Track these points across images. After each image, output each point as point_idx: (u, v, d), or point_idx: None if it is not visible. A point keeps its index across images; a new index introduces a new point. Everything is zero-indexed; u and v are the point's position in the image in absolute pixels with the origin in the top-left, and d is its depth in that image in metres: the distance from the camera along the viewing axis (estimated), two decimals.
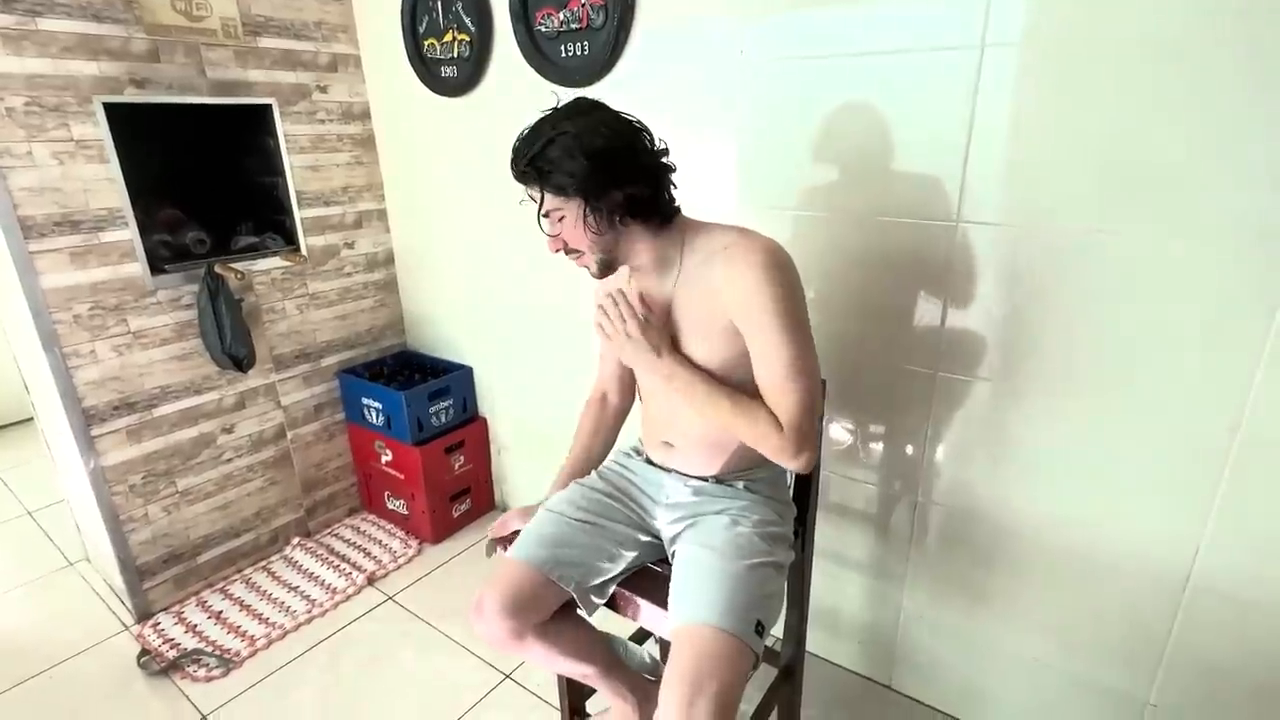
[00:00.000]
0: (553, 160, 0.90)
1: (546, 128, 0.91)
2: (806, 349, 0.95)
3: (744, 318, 0.95)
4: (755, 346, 0.95)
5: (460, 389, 2.22)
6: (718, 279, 0.96)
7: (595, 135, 0.89)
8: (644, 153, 0.95)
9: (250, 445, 2.06)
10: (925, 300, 1.30)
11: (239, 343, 1.85)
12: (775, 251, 0.95)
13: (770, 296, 0.92)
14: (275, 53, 1.91)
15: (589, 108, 0.94)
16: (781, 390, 0.94)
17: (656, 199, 0.97)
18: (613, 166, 0.91)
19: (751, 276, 0.92)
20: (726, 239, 0.97)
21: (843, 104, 1.29)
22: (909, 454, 1.42)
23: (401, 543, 2.21)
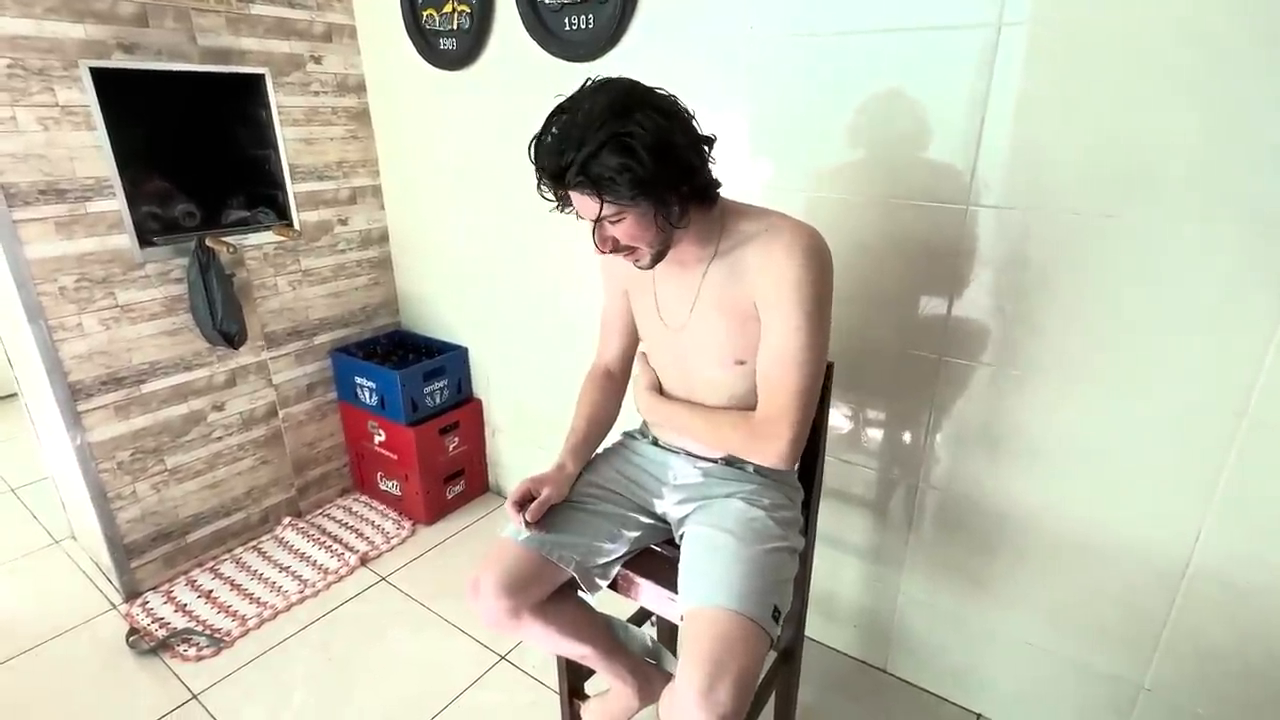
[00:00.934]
0: (612, 167, 0.81)
1: (592, 128, 0.81)
2: (817, 345, 0.93)
3: (767, 301, 0.93)
4: (770, 328, 0.94)
5: (455, 370, 2.20)
6: (751, 261, 0.94)
7: (654, 132, 0.81)
8: (695, 134, 0.89)
9: (241, 423, 2.02)
10: (932, 284, 1.29)
11: (230, 319, 1.81)
12: (815, 240, 0.92)
13: (800, 284, 0.90)
14: (268, 20, 1.86)
15: (630, 98, 0.83)
16: (776, 377, 0.94)
17: (710, 182, 0.93)
18: (677, 162, 0.84)
19: (786, 263, 0.90)
20: (766, 222, 0.95)
21: (854, 83, 1.27)
22: (910, 439, 1.42)
23: (395, 524, 2.19)
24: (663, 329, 1.07)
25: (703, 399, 1.07)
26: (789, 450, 0.94)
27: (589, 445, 1.15)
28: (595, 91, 0.85)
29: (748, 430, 0.97)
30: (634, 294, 1.12)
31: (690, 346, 1.04)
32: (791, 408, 0.93)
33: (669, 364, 1.10)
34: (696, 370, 1.06)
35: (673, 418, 1.09)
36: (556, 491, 1.06)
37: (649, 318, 1.10)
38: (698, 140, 0.89)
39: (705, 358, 1.03)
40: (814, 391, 0.95)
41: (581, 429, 1.14)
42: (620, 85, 0.86)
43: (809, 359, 0.92)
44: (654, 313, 1.08)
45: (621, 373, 1.22)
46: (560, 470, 1.09)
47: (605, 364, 1.22)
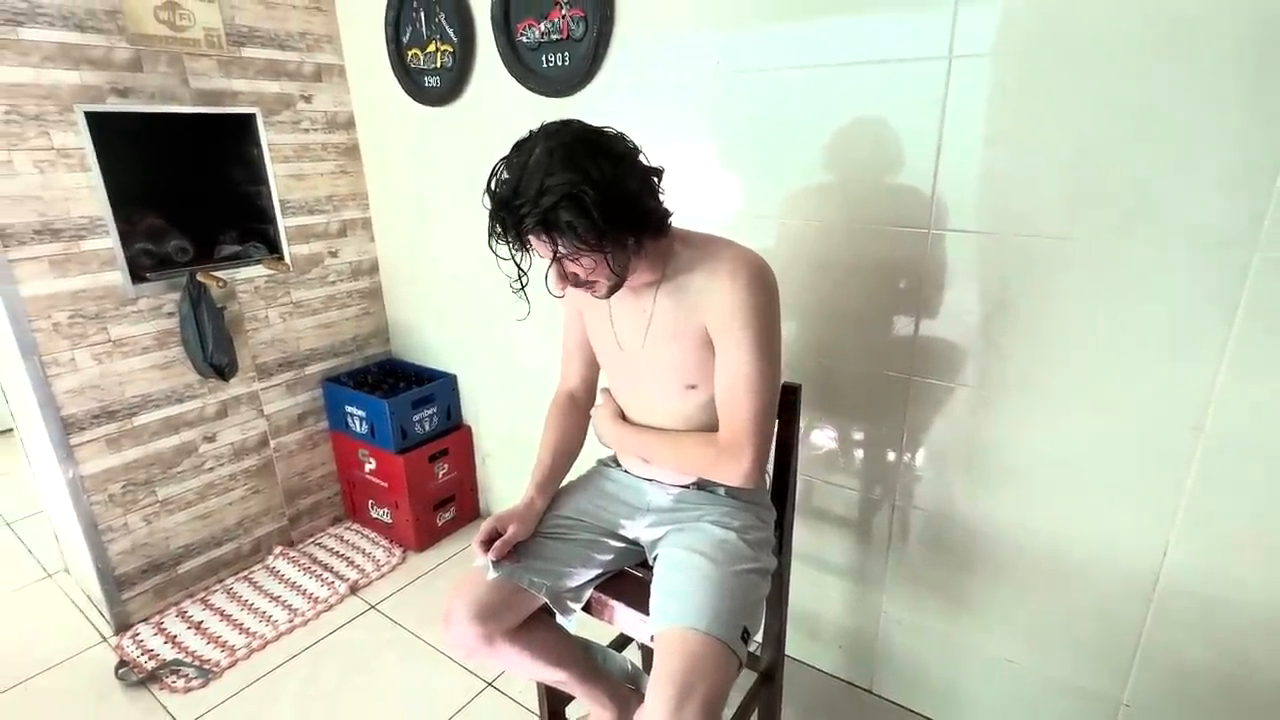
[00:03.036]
0: (567, 219, 0.83)
1: (547, 179, 0.82)
2: (770, 366, 0.96)
3: (716, 326, 0.97)
4: (723, 354, 0.97)
5: (444, 397, 2.22)
6: (699, 287, 0.98)
7: (608, 182, 0.84)
8: (644, 172, 0.92)
9: (232, 454, 2.05)
10: (899, 306, 1.32)
11: (221, 351, 1.85)
12: (758, 265, 0.96)
13: (745, 308, 0.93)
14: (259, 62, 1.92)
15: (582, 145, 0.85)
16: (734, 400, 0.97)
17: (663, 216, 0.96)
18: (631, 207, 0.87)
19: (731, 288, 0.94)
20: (710, 249, 0.99)
21: (817, 114, 1.31)
22: (887, 459, 1.44)
23: (385, 551, 2.20)
24: (619, 354, 1.10)
25: (661, 425, 1.09)
26: (751, 470, 0.96)
27: (555, 478, 1.16)
28: (547, 138, 0.86)
29: (711, 451, 1.00)
30: (590, 319, 1.15)
31: (646, 372, 1.07)
32: (750, 430, 0.95)
33: (628, 389, 1.13)
34: (654, 395, 1.08)
35: (634, 442, 1.12)
36: (522, 529, 1.07)
37: (606, 343, 1.12)
38: (648, 178, 0.93)
39: (661, 383, 1.06)
40: (770, 412, 0.98)
41: (547, 461, 1.16)
42: (571, 131, 0.87)
43: (762, 382, 0.95)
44: (611, 338, 1.10)
45: (586, 397, 1.24)
46: (528, 507, 1.10)
47: (569, 389, 1.24)
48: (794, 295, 1.44)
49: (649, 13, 1.48)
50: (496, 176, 0.89)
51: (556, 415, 1.21)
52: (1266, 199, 0.96)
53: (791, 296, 1.44)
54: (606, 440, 1.16)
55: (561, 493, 1.18)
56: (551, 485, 1.15)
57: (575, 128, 0.89)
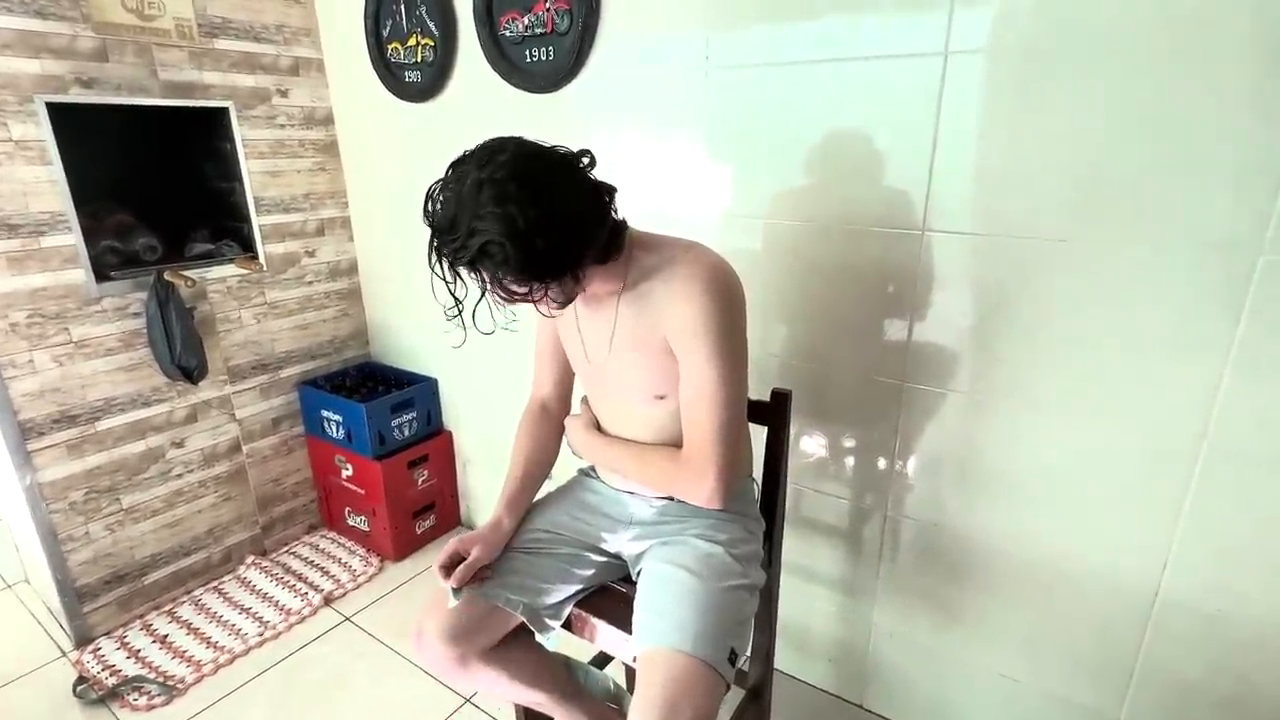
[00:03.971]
0: (501, 261, 0.77)
1: (468, 214, 0.76)
2: (732, 376, 0.90)
3: (676, 337, 0.91)
4: (683, 366, 0.92)
5: (424, 401, 2.16)
6: (658, 297, 0.92)
7: (544, 223, 0.76)
8: (589, 196, 0.84)
9: (202, 460, 1.97)
10: (892, 309, 1.28)
11: (189, 353, 1.78)
12: (716, 271, 0.90)
13: (704, 318, 0.88)
14: (233, 55, 1.86)
15: (517, 181, 0.76)
16: (695, 416, 0.92)
17: (613, 237, 0.89)
18: (575, 240, 0.81)
19: (689, 297, 0.88)
20: (668, 254, 0.93)
21: (810, 111, 1.27)
22: (878, 467, 1.40)
23: (362, 561, 2.13)
24: (587, 364, 1.06)
25: (634, 435, 1.04)
26: (715, 488, 0.91)
27: (526, 493, 1.11)
28: (480, 167, 0.78)
29: (674, 470, 0.95)
30: (560, 323, 1.10)
31: (614, 381, 1.03)
32: (713, 446, 0.90)
33: (599, 398, 1.09)
34: (623, 404, 1.04)
35: (604, 455, 1.07)
36: (487, 552, 1.01)
37: (575, 351, 1.08)
38: (597, 205, 0.85)
39: (629, 393, 1.02)
40: (734, 425, 0.92)
41: (517, 476, 1.10)
42: (506, 163, 0.78)
43: (725, 394, 0.89)
44: (579, 346, 1.06)
45: (559, 405, 1.19)
46: (495, 528, 1.04)
47: (541, 398, 1.19)
48: (782, 298, 1.40)
49: (636, 6, 1.43)
50: (432, 200, 0.82)
51: (528, 425, 1.16)
52: (1273, 200, 0.92)
53: (779, 299, 1.40)
54: (579, 451, 1.11)
55: (540, 504, 1.12)
56: (522, 502, 1.09)
57: (511, 156, 0.79)
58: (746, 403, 0.96)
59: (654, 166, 1.51)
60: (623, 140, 1.53)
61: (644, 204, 1.53)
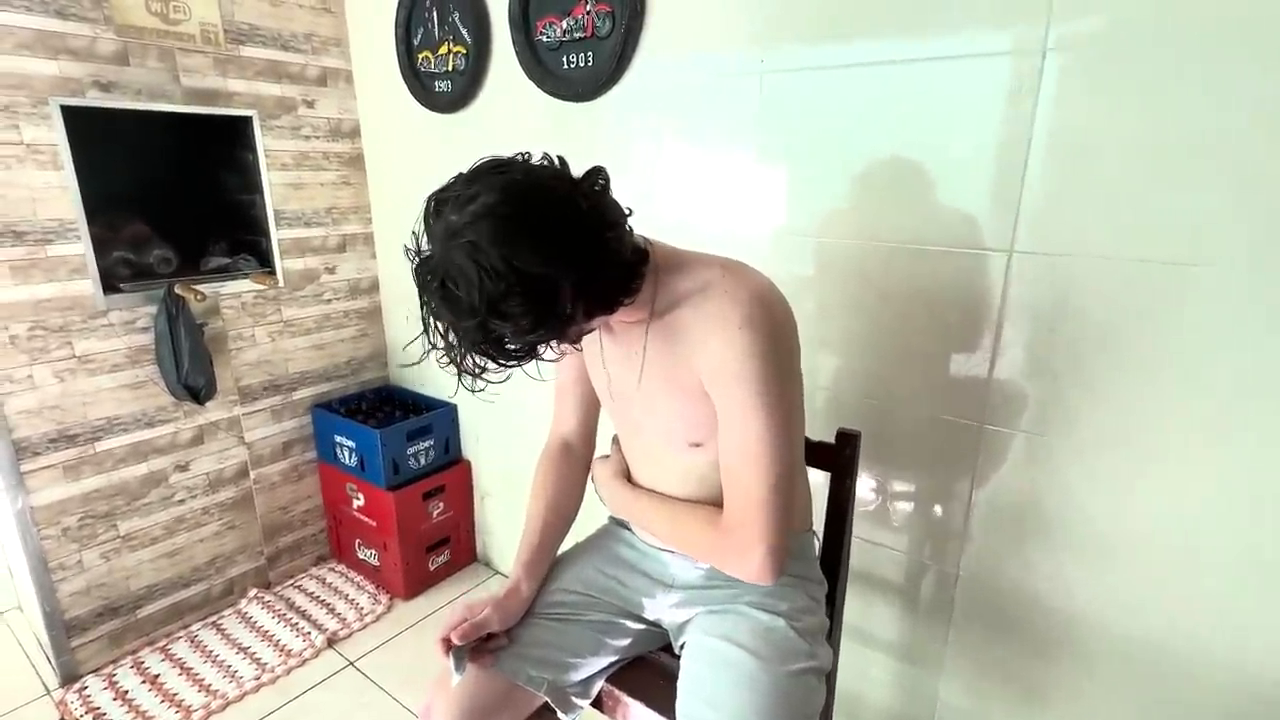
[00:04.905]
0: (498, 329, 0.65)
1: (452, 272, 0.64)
2: (781, 427, 0.74)
3: (711, 380, 0.77)
4: (721, 414, 0.77)
5: (443, 428, 2.03)
6: (688, 329, 0.78)
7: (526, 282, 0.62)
8: (593, 235, 0.68)
9: (207, 485, 1.86)
10: (970, 340, 1.13)
11: (197, 372, 1.67)
12: (758, 298, 0.74)
13: (743, 357, 0.73)
14: (259, 63, 1.79)
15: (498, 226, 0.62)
16: (737, 477, 0.76)
17: (626, 273, 0.73)
18: (558, 294, 0.65)
19: (723, 334, 0.74)
20: (702, 277, 0.78)
21: (878, 118, 1.14)
22: (947, 518, 1.23)
23: (370, 598, 1.99)
24: (611, 401, 0.92)
25: (668, 487, 0.89)
26: (765, 565, 0.75)
27: (547, 551, 0.96)
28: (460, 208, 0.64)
29: (715, 539, 0.79)
30: (587, 355, 0.96)
31: (644, 423, 0.89)
32: (759, 513, 0.75)
33: (628, 442, 0.95)
34: (655, 451, 0.90)
35: (634, 511, 0.92)
36: (501, 617, 0.86)
37: (600, 385, 0.94)
38: (603, 242, 0.68)
39: (660, 438, 0.87)
40: (784, 487, 0.76)
41: (536, 530, 0.95)
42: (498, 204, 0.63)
43: (771, 450, 0.74)
44: (604, 380, 0.92)
45: (583, 445, 1.04)
46: (511, 594, 0.89)
47: (562, 436, 1.04)
48: (838, 325, 1.25)
49: (685, 6, 1.33)
50: (417, 241, 0.69)
51: (548, 468, 1.01)
52: None
53: (835, 327, 1.25)
54: (607, 502, 0.97)
55: (566, 559, 0.97)
56: (543, 561, 0.94)
57: (503, 195, 0.64)
58: (802, 452, 0.80)
59: (700, 180, 1.38)
60: (666, 151, 1.42)
61: (688, 220, 1.41)
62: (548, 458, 1.01)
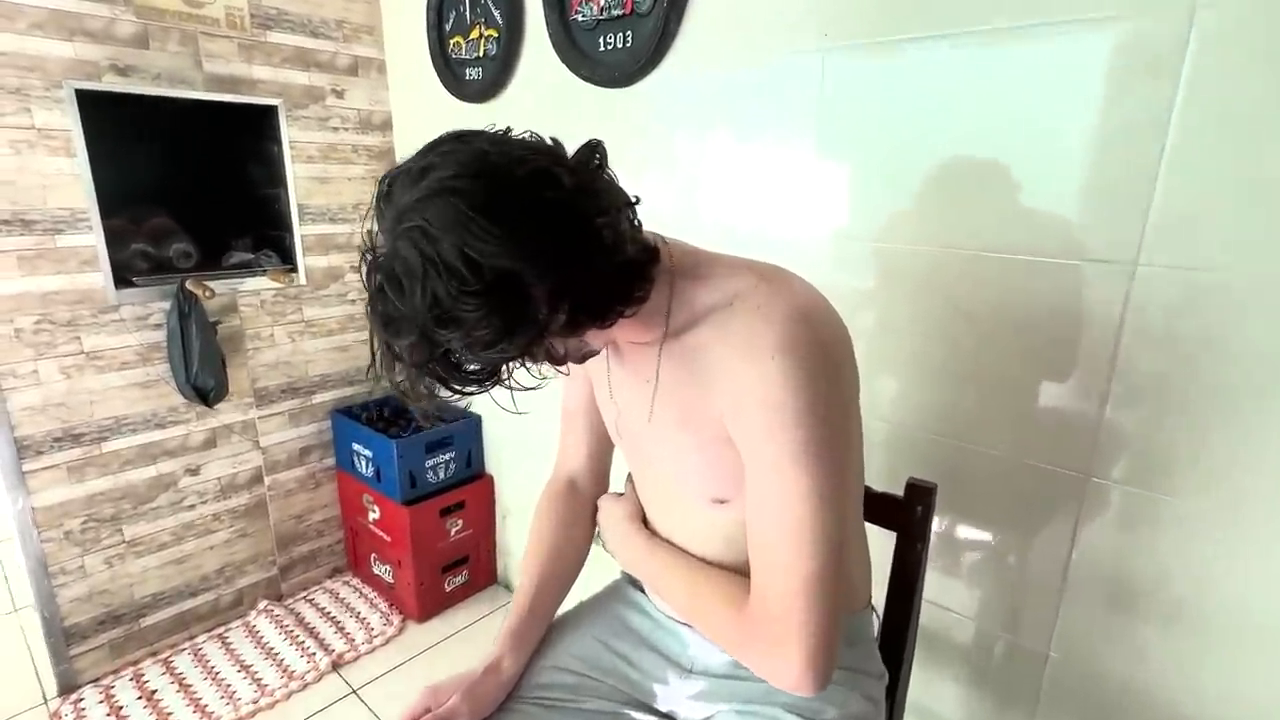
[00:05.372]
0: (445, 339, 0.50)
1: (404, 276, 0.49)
2: (828, 488, 0.56)
3: (736, 424, 0.59)
4: (750, 471, 0.59)
5: (465, 441, 1.91)
6: (709, 355, 0.60)
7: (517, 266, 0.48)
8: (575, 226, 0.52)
9: (219, 490, 1.78)
10: (1076, 371, 0.92)
11: (207, 373, 1.59)
12: (798, 320, 0.56)
13: (777, 397, 0.55)
14: (286, 49, 1.70)
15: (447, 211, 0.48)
16: (772, 552, 0.58)
17: (625, 280, 0.56)
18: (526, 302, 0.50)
19: (752, 364, 0.56)
20: (730, 289, 0.60)
21: (961, 100, 0.94)
22: (1037, 586, 1.01)
23: (382, 618, 1.87)
24: (620, 438, 0.76)
25: (687, 544, 0.72)
26: (804, 674, 0.56)
27: (540, 618, 0.79)
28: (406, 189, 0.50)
29: (741, 628, 0.61)
30: (595, 381, 0.79)
31: (657, 468, 0.72)
32: (798, 604, 0.56)
33: (641, 485, 0.78)
34: (671, 501, 0.73)
35: (646, 568, 0.74)
36: (473, 708, 0.71)
37: (608, 419, 0.78)
38: (598, 233, 0.52)
39: (676, 485, 0.70)
40: (832, 571, 0.56)
41: (528, 593, 0.78)
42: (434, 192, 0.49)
43: (816, 523, 0.55)
44: (611, 412, 0.75)
45: (593, 485, 0.87)
46: (491, 673, 0.73)
47: (568, 473, 0.87)
48: (910, 347, 1.05)
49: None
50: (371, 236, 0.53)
51: (547, 514, 0.84)
52: None
53: (899, 347, 1.06)
54: (614, 550, 0.79)
55: (562, 625, 0.81)
56: (533, 631, 0.78)
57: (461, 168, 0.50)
58: (859, 511, 0.62)
59: (749, 175, 1.21)
60: (711, 142, 1.25)
61: (733, 221, 1.23)
62: (549, 499, 0.85)
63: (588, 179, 0.54)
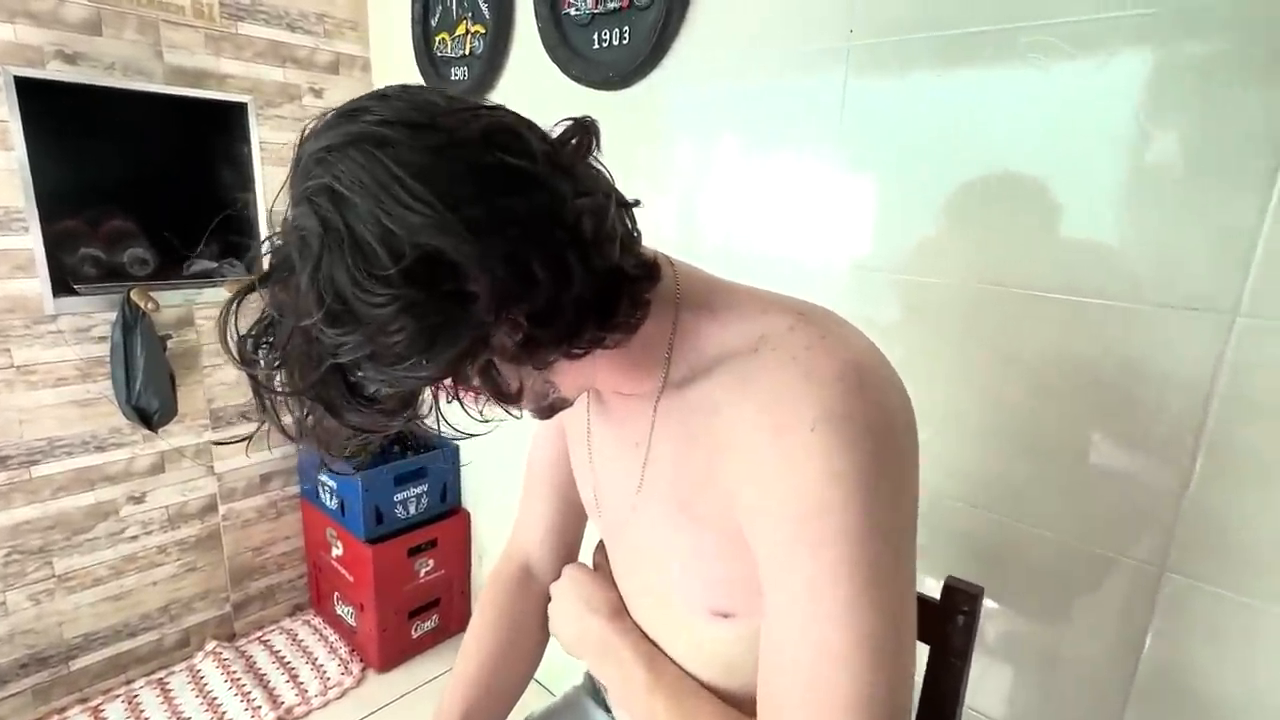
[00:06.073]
0: (334, 342, 0.35)
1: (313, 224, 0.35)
2: (875, 634, 0.39)
3: (752, 520, 0.43)
4: (769, 591, 0.42)
5: (440, 472, 1.74)
6: (722, 418, 0.44)
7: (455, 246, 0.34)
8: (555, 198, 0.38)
9: (166, 520, 1.62)
10: (1151, 443, 0.75)
11: (151, 392, 1.43)
12: (851, 377, 0.40)
13: (811, 497, 0.39)
14: (260, 43, 1.57)
15: (405, 144, 0.35)
16: (787, 707, 0.41)
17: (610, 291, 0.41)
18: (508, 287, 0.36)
19: (778, 443, 0.40)
20: (756, 330, 0.44)
21: (1010, 111, 0.79)
22: (1096, 700, 0.84)
23: (340, 665, 1.70)
24: (598, 516, 0.60)
25: (680, 655, 0.55)
26: None
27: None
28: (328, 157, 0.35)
29: None
30: (571, 440, 0.63)
31: (643, 556, 0.56)
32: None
33: (620, 577, 0.61)
34: (658, 605, 0.56)
35: (616, 675, 0.57)
36: None
37: (585, 490, 0.62)
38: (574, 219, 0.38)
39: (665, 587, 0.54)
40: (893, 709, 0.39)
41: (456, 713, 0.62)
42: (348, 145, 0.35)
43: (860, 684, 0.38)
44: (588, 482, 0.59)
45: (554, 571, 0.68)
46: None
47: (522, 554, 0.70)
48: (941, 398, 0.89)
49: None
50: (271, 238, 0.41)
51: (490, 610, 0.67)
52: None
53: (937, 401, 0.89)
54: (572, 649, 0.62)
55: None
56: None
57: (398, 115, 0.36)
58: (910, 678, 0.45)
59: (757, 192, 1.05)
60: (714, 153, 1.10)
61: (737, 245, 1.08)
62: (494, 590, 0.68)
63: (566, 159, 0.40)
